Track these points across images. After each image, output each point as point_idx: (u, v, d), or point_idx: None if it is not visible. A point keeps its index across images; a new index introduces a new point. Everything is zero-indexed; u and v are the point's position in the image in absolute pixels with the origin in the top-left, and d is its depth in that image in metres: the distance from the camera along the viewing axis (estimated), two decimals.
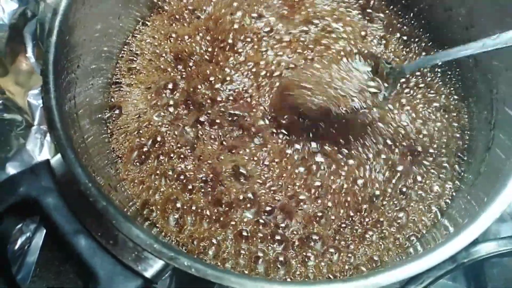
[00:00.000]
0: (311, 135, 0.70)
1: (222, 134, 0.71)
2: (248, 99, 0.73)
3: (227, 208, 0.66)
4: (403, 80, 0.75)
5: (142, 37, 0.79)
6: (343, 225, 0.66)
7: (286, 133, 0.71)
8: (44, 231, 0.68)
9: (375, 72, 0.64)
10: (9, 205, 0.56)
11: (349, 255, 0.64)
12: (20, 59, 0.81)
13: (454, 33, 0.74)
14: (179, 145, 0.70)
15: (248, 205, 0.66)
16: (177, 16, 0.80)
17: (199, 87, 0.74)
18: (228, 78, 0.75)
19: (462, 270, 0.75)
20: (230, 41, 0.78)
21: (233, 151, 0.70)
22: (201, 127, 0.71)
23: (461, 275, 0.76)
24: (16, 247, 0.71)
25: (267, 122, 0.72)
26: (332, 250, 0.65)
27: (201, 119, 0.72)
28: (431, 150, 0.71)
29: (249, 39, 0.78)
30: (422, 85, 0.76)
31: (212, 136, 0.71)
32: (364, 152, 0.70)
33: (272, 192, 0.67)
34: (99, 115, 0.71)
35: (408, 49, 0.78)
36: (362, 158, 0.70)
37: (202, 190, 0.67)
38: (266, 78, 0.75)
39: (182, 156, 0.69)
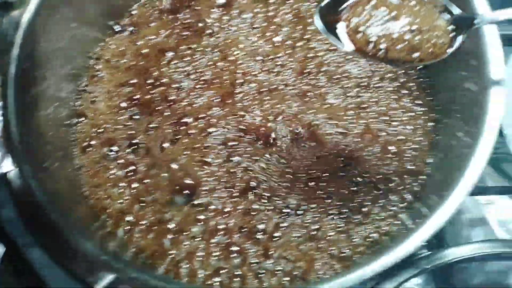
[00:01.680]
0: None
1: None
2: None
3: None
4: None
5: (109, 44, 0.78)
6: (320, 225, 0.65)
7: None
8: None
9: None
10: None
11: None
12: None
13: None
14: (131, 152, 0.70)
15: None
16: (142, 19, 0.80)
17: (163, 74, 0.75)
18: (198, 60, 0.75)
19: (431, 275, 0.74)
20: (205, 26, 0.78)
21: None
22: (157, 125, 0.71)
23: (430, 280, 0.74)
24: None
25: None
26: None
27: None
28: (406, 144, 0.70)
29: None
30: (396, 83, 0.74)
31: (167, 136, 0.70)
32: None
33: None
34: (66, 123, 0.71)
35: None
36: None
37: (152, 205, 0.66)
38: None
39: (135, 163, 0.69)
